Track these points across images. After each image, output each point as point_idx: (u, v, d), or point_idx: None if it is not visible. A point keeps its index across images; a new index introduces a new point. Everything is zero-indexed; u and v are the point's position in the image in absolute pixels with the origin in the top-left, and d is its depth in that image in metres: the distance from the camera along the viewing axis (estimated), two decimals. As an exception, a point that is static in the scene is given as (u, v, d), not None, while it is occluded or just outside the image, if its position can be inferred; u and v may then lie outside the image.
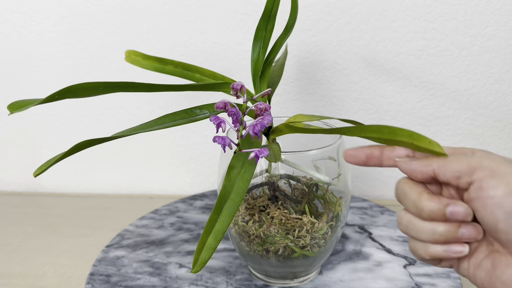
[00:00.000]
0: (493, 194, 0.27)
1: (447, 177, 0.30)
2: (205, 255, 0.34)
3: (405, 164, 0.32)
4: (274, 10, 0.45)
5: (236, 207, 0.34)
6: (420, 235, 0.31)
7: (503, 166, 0.28)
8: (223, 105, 0.35)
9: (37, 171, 0.32)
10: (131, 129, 0.36)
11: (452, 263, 0.32)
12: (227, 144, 0.34)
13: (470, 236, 0.30)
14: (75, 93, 0.34)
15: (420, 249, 0.32)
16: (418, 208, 0.30)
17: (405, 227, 0.32)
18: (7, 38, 0.72)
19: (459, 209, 0.29)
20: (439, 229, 0.30)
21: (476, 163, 0.29)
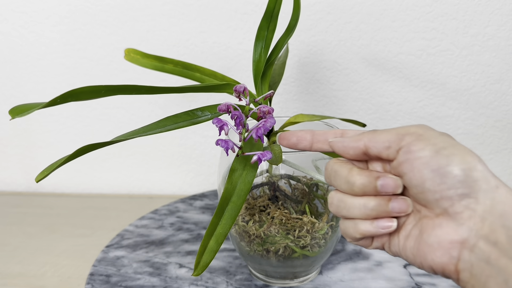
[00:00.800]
0: (420, 155, 0.28)
1: (378, 148, 0.30)
2: (207, 258, 0.34)
3: (337, 143, 0.33)
4: (276, 10, 0.45)
5: (238, 210, 0.34)
6: (351, 212, 0.31)
7: (429, 131, 0.29)
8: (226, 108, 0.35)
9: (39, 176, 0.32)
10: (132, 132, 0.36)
11: (383, 242, 0.32)
12: (230, 147, 0.34)
13: (400, 209, 0.30)
14: (77, 96, 0.34)
15: (351, 228, 0.32)
16: (349, 183, 0.31)
17: (336, 207, 0.32)
18: (7, 38, 0.72)
19: (389, 181, 0.30)
20: (370, 204, 0.30)
21: (404, 130, 0.30)
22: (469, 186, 0.27)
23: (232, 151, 0.35)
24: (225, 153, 0.34)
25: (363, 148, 0.31)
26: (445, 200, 0.28)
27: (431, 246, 0.28)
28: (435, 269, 0.29)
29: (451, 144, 0.29)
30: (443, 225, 0.28)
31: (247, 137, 0.35)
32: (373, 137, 0.31)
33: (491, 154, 0.72)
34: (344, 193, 0.32)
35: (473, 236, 0.27)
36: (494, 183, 0.27)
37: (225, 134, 0.34)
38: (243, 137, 0.35)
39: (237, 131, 0.35)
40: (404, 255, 0.31)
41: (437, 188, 0.28)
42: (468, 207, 0.27)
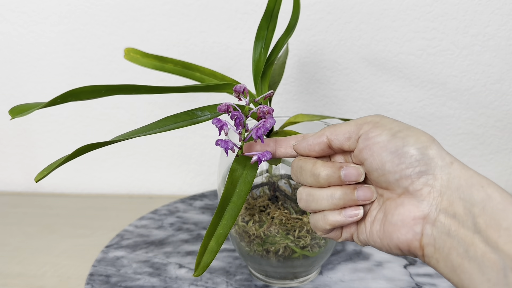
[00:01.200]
0: (378, 140, 0.30)
1: (340, 140, 0.32)
2: (207, 259, 0.34)
3: (302, 143, 0.34)
4: (276, 10, 0.45)
5: (238, 210, 0.34)
6: (320, 203, 0.33)
7: (384, 118, 0.31)
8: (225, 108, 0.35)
9: (39, 176, 0.32)
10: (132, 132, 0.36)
11: (351, 232, 0.34)
12: (230, 147, 0.34)
13: (365, 197, 0.32)
14: (77, 96, 0.34)
15: (320, 220, 0.33)
16: (315, 175, 0.32)
17: (305, 201, 0.34)
18: (6, 38, 0.72)
19: (351, 170, 0.32)
20: (336, 194, 0.32)
21: (361, 120, 0.32)
22: (425, 164, 0.29)
23: (232, 152, 0.34)
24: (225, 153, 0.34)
25: (326, 142, 0.33)
26: (405, 179, 0.29)
27: (396, 225, 0.30)
28: (401, 247, 0.30)
29: (405, 127, 0.30)
30: (405, 203, 0.30)
31: (247, 137, 0.35)
32: (334, 130, 0.33)
33: (491, 154, 0.72)
34: (312, 187, 0.33)
35: (433, 210, 0.28)
36: (449, 160, 0.29)
37: (225, 134, 0.34)
38: (243, 137, 0.34)
39: (236, 131, 0.35)
40: (372, 240, 0.32)
41: (396, 169, 0.29)
42: (426, 184, 0.29)
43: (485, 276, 0.26)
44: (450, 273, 0.28)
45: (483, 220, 0.26)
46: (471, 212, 0.27)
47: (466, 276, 0.27)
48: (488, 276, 0.26)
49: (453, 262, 0.27)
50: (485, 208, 0.27)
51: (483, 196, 0.27)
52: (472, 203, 0.27)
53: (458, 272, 0.27)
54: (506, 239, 0.25)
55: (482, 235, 0.26)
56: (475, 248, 0.26)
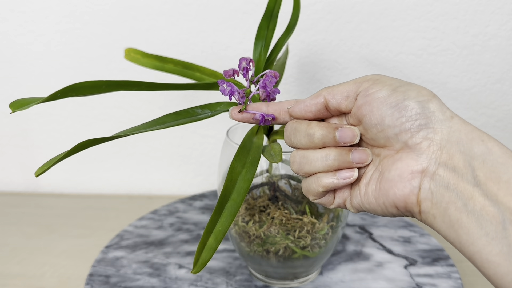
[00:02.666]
0: (378, 95, 0.30)
1: (337, 100, 0.32)
2: (206, 256, 0.33)
3: (297, 105, 0.34)
4: (276, 9, 0.45)
5: (238, 207, 0.34)
6: (313, 165, 0.32)
7: (384, 76, 0.31)
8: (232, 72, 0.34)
9: (39, 171, 0.32)
10: (132, 129, 0.36)
11: (344, 197, 0.33)
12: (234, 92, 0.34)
13: (360, 159, 0.31)
14: (77, 91, 0.34)
15: (313, 183, 0.33)
16: (309, 135, 0.32)
17: (298, 164, 0.33)
18: (6, 38, 0.71)
19: (346, 131, 0.31)
20: (331, 155, 0.31)
21: (360, 79, 0.32)
22: (426, 117, 0.29)
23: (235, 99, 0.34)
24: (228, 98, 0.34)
25: (324, 102, 0.32)
26: (404, 133, 0.29)
27: (392, 180, 0.29)
28: (397, 204, 0.30)
29: (406, 83, 0.30)
30: (403, 158, 0.29)
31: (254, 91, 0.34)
32: (331, 90, 0.32)
33: (492, 154, 0.72)
34: (305, 149, 0.33)
35: (432, 164, 0.28)
36: (449, 114, 0.29)
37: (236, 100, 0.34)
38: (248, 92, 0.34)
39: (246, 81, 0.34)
40: (367, 202, 0.32)
41: (396, 123, 0.29)
42: (426, 137, 0.29)
43: (483, 230, 0.26)
44: (447, 229, 0.28)
45: (483, 173, 0.26)
46: (471, 165, 0.27)
47: (464, 231, 0.26)
48: (487, 230, 0.25)
49: (450, 217, 0.27)
50: (485, 161, 0.26)
51: (483, 150, 0.27)
52: (472, 156, 0.27)
53: (455, 228, 0.27)
54: (506, 191, 0.25)
55: (481, 188, 0.26)
56: (474, 201, 0.26)
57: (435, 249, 0.56)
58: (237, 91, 0.34)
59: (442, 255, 0.55)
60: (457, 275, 0.51)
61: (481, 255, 0.26)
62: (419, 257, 0.55)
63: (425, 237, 0.59)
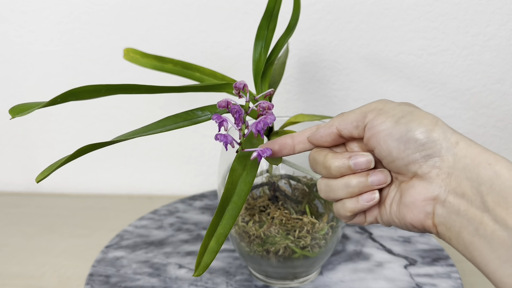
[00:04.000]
0: (383, 127, 0.31)
1: (348, 129, 0.33)
2: (207, 259, 0.33)
3: (314, 135, 0.35)
4: (276, 10, 0.45)
5: (239, 210, 0.34)
6: (337, 193, 0.33)
7: (388, 104, 0.32)
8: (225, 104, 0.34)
9: (40, 177, 0.32)
10: (132, 132, 0.36)
11: (374, 215, 0.34)
12: (229, 142, 0.34)
13: (379, 181, 0.32)
14: (77, 96, 0.34)
15: (341, 209, 0.34)
16: (326, 167, 0.33)
17: (324, 192, 0.35)
18: (6, 38, 0.71)
19: (360, 159, 0.32)
20: (351, 182, 0.33)
21: (366, 108, 0.32)
22: (430, 147, 0.29)
23: (231, 147, 0.34)
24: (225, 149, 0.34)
25: (336, 132, 0.34)
26: (412, 164, 0.30)
27: (408, 206, 0.31)
28: (415, 226, 0.31)
29: (408, 111, 0.31)
30: (415, 185, 0.30)
31: (247, 133, 0.34)
32: (342, 120, 0.33)
33: (491, 154, 0.72)
34: (328, 178, 0.34)
35: (443, 191, 0.29)
36: (454, 140, 0.29)
37: (225, 130, 0.34)
38: (243, 133, 0.34)
39: (237, 128, 0.34)
40: (393, 221, 0.33)
41: (403, 155, 0.30)
42: (434, 166, 0.29)
43: (495, 253, 0.26)
44: (463, 250, 0.28)
45: (491, 199, 0.27)
46: (479, 191, 0.27)
47: (477, 253, 0.27)
48: (499, 253, 0.26)
49: (464, 240, 0.28)
50: (492, 186, 0.27)
51: (490, 174, 0.27)
52: (479, 182, 0.27)
53: (470, 250, 0.28)
54: None
55: (491, 214, 0.27)
56: (485, 226, 0.27)
57: (435, 249, 0.56)
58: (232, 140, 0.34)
59: (442, 255, 0.55)
60: (457, 275, 0.51)
61: (495, 276, 0.27)
62: (419, 257, 0.55)
63: (425, 237, 0.59)
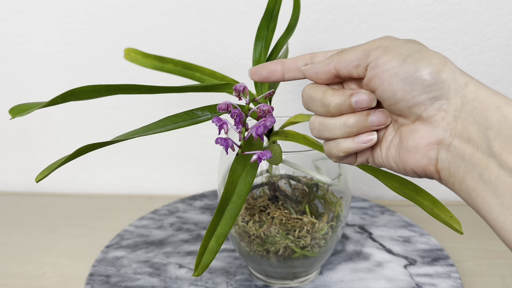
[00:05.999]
0: (388, 66, 0.29)
1: (348, 68, 0.31)
2: (207, 259, 0.34)
3: (309, 69, 0.33)
4: (276, 10, 0.45)
5: (238, 210, 0.34)
6: (333, 132, 0.32)
7: (394, 41, 0.30)
8: (225, 107, 0.35)
9: (39, 176, 0.32)
10: (132, 132, 0.36)
11: (366, 156, 0.33)
12: (229, 145, 0.34)
13: (379, 122, 0.31)
14: (77, 96, 0.34)
15: (334, 148, 0.33)
16: (325, 105, 0.31)
17: (318, 130, 0.33)
18: (6, 38, 0.71)
19: (362, 96, 0.30)
20: (350, 121, 0.31)
21: (369, 46, 0.30)
22: (438, 89, 0.28)
23: (232, 150, 0.34)
24: (225, 151, 0.34)
25: (334, 72, 0.32)
26: (418, 106, 0.28)
27: (410, 151, 0.29)
28: (417, 172, 0.30)
29: (416, 50, 0.29)
30: (419, 129, 0.29)
31: (246, 136, 0.34)
32: (341, 59, 0.31)
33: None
34: (324, 116, 0.32)
35: (447, 135, 0.28)
36: (463, 81, 0.28)
37: (225, 133, 0.34)
38: (243, 136, 0.34)
39: (237, 130, 0.35)
40: (388, 164, 0.32)
41: (408, 96, 0.28)
42: (440, 109, 0.28)
43: (499, 199, 0.26)
44: (465, 196, 0.28)
45: (498, 143, 0.26)
46: (486, 136, 0.26)
47: (480, 199, 0.27)
48: (502, 199, 0.26)
49: (467, 186, 0.27)
50: (500, 130, 0.26)
51: (498, 118, 0.26)
52: (487, 126, 0.26)
53: (472, 196, 0.27)
54: None
55: (497, 159, 0.26)
56: (490, 172, 0.26)
57: (435, 249, 0.56)
58: (233, 144, 0.34)
59: (442, 255, 0.55)
60: (456, 275, 0.51)
61: (496, 222, 0.26)
62: (418, 257, 0.55)
63: (425, 237, 0.59)
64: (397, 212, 0.66)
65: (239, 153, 0.35)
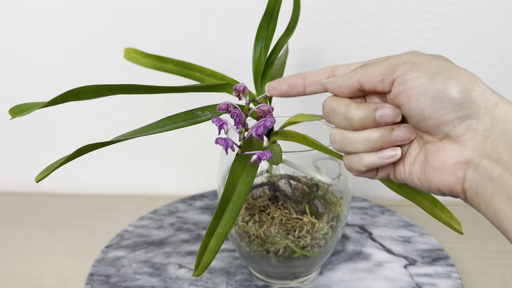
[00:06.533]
0: (416, 83, 0.28)
1: (372, 83, 0.30)
2: (207, 259, 0.34)
3: (331, 83, 0.32)
4: (276, 10, 0.45)
5: (238, 210, 0.34)
6: (355, 146, 0.31)
7: (421, 57, 0.29)
8: (225, 107, 0.35)
9: (39, 176, 0.32)
10: (132, 132, 0.36)
11: (388, 171, 0.32)
12: (229, 146, 0.34)
13: (404, 137, 0.30)
14: (77, 96, 0.34)
15: (355, 162, 0.32)
16: (348, 119, 0.31)
17: (339, 144, 0.32)
18: (6, 38, 0.71)
19: (387, 111, 0.29)
20: (373, 136, 0.30)
21: (396, 61, 0.29)
22: (468, 108, 0.27)
23: (231, 150, 0.34)
24: (225, 151, 0.34)
25: (357, 85, 0.31)
26: (446, 125, 0.28)
27: (437, 169, 0.29)
28: (442, 190, 0.29)
29: (446, 67, 0.28)
30: (446, 148, 0.28)
31: (246, 136, 0.34)
32: (365, 73, 0.30)
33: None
34: (345, 129, 0.32)
35: (476, 155, 0.27)
36: (493, 101, 0.27)
37: (225, 133, 0.34)
38: (243, 136, 0.34)
39: (236, 130, 0.35)
40: (411, 181, 0.31)
41: (437, 115, 0.28)
42: (469, 128, 0.27)
43: None
44: (492, 217, 0.27)
45: None
46: None
47: (508, 221, 0.26)
48: None
49: (495, 207, 0.27)
50: None
51: None
52: None
53: (500, 217, 0.27)
54: None
55: None
56: None
57: (435, 249, 0.56)
58: (232, 144, 0.34)
59: (442, 255, 0.55)
60: (456, 275, 0.51)
61: None
62: (418, 257, 0.55)
63: (425, 237, 0.59)
64: (397, 212, 0.66)
65: (239, 153, 0.35)
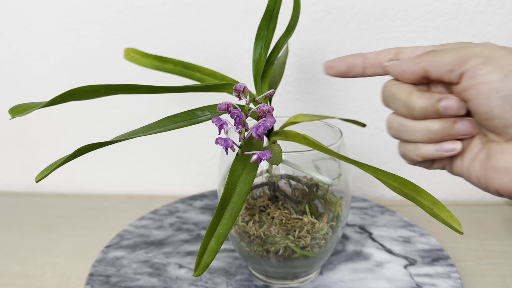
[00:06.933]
0: (488, 79, 0.26)
1: (439, 72, 0.29)
2: (207, 259, 0.33)
3: (394, 68, 0.31)
4: (276, 10, 0.45)
5: (238, 210, 0.34)
6: (413, 136, 0.30)
7: (496, 51, 0.27)
8: (225, 107, 0.34)
9: (39, 176, 0.32)
10: (132, 132, 0.36)
11: (444, 163, 0.31)
12: (229, 146, 0.34)
13: (466, 131, 0.29)
14: (77, 96, 0.34)
15: (411, 151, 0.31)
16: (409, 107, 0.29)
17: (395, 130, 0.31)
18: (6, 38, 0.71)
19: (452, 103, 0.28)
20: (434, 127, 0.29)
21: (468, 52, 0.28)
22: None
23: (231, 150, 0.34)
24: (225, 151, 0.34)
25: (422, 73, 0.29)
26: None
27: (499, 171, 0.27)
28: (501, 192, 0.28)
29: None
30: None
31: (246, 136, 0.34)
32: (433, 60, 0.29)
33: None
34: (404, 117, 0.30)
35: None
36: None
37: (225, 133, 0.34)
38: (243, 136, 0.34)
39: (236, 130, 0.35)
40: (468, 177, 0.30)
41: (506, 115, 0.26)
42: None
43: None
44: None
45: None
46: None
47: None
48: None
49: None
50: None
51: None
52: None
53: None
54: None
55: None
56: None
57: (435, 249, 0.56)
58: (233, 144, 0.34)
59: (442, 255, 0.55)
60: (456, 275, 0.51)
61: None
62: (419, 257, 0.55)
63: (425, 237, 0.59)
64: (397, 212, 0.66)
65: (239, 153, 0.35)
